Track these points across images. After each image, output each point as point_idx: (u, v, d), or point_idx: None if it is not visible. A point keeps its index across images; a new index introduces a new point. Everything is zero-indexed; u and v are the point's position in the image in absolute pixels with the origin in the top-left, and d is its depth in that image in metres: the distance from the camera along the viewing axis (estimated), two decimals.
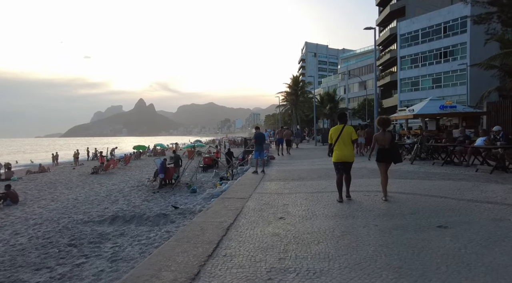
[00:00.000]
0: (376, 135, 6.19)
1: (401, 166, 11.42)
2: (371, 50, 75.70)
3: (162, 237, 7.50)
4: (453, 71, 37.16)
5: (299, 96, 45.67)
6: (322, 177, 9.84)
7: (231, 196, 7.37)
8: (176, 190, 14.25)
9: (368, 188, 7.54)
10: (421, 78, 40.83)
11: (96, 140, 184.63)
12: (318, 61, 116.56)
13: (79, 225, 8.99)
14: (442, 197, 6.29)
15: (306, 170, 11.92)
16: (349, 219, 5.13)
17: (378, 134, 6.19)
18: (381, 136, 6.10)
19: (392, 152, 6.11)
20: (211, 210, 6.02)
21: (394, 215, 5.23)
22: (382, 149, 6.13)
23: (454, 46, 36.97)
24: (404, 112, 18.60)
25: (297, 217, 5.41)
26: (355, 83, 68.64)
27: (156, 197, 12.90)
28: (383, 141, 6.08)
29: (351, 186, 6.64)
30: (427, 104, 17.55)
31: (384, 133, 6.11)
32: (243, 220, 5.29)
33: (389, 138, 6.08)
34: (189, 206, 10.66)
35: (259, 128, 12.02)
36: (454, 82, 37.20)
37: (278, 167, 13.28)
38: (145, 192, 14.11)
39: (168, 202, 11.89)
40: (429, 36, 39.26)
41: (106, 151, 30.30)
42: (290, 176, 10.38)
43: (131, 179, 18.75)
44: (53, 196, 14.07)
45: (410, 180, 8.47)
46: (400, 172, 9.97)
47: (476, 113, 17.24)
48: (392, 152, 6.11)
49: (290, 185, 8.61)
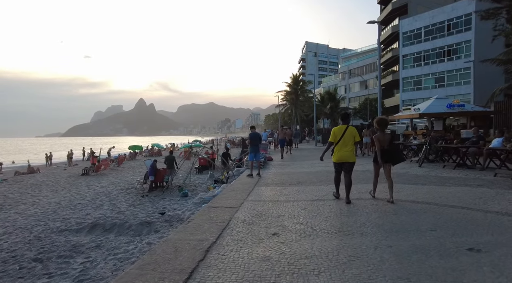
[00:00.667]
0: (378, 137, 6.05)
1: (408, 169, 10.53)
2: (372, 49, 74.85)
3: (142, 251, 6.63)
4: (457, 70, 36.26)
5: (299, 96, 44.68)
6: (323, 181, 8.93)
7: (219, 205, 6.46)
8: (167, 194, 13.36)
9: (376, 195, 6.64)
10: (423, 77, 39.89)
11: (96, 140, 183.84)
12: (318, 61, 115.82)
13: (53, 235, 8.10)
14: (464, 208, 5.39)
15: (306, 172, 11.02)
16: (356, 236, 4.23)
17: (379, 135, 6.06)
18: (382, 137, 6.02)
19: (392, 153, 6.04)
20: (193, 224, 5.11)
21: (410, 232, 4.32)
22: (382, 150, 6.00)
23: (458, 44, 36.05)
24: (409, 112, 17.70)
25: (294, 232, 4.51)
26: (356, 82, 67.72)
27: (144, 202, 12.01)
28: (383, 142, 6.00)
29: (356, 192, 5.77)
30: (434, 103, 16.65)
31: (384, 134, 6.04)
32: (228, 238, 4.38)
33: (388, 139, 6.05)
34: (178, 212, 9.78)
35: (255, 128, 11.10)
36: (458, 81, 36.28)
37: (275, 169, 12.38)
38: (133, 196, 13.21)
39: (156, 207, 11.00)
40: (432, 34, 38.33)
41: (99, 151, 29.46)
42: (288, 180, 9.48)
43: (122, 181, 17.86)
44: (35, 199, 13.16)
45: (421, 186, 7.57)
46: (408, 176, 9.07)
47: (486, 112, 16.32)
48: (392, 152, 6.04)
49: (287, 191, 7.70)
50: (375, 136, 6.08)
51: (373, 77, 59.25)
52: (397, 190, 7.12)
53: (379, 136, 6.02)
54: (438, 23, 37.65)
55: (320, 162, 12.09)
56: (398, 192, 6.91)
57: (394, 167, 6.29)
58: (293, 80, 44.53)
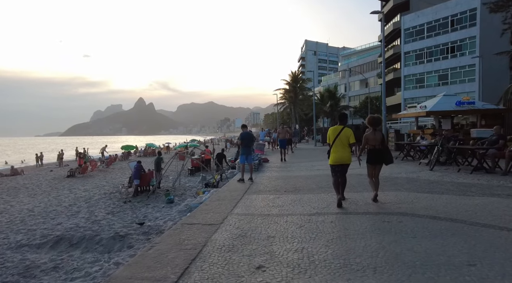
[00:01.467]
0: (367, 135, 5.83)
1: (418, 172, 9.40)
2: (372, 47, 73.70)
3: (106, 273, 5.49)
4: (461, 67, 35.12)
5: (298, 94, 43.44)
6: (323, 187, 7.81)
7: (196, 220, 5.33)
8: (152, 199, 12.23)
9: (386, 209, 5.51)
10: (426, 75, 38.74)
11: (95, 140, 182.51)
12: (318, 59, 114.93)
13: (8, 251, 6.97)
14: (504, 228, 4.24)
15: (304, 176, 9.90)
16: (369, 274, 3.09)
17: (369, 134, 5.83)
18: (372, 136, 5.79)
19: (384, 153, 5.83)
20: (155, 251, 3.97)
21: (440, 266, 3.19)
22: (373, 150, 5.82)
23: (462, 41, 34.89)
24: (414, 110, 16.58)
25: (285, 265, 3.39)
26: (356, 81, 66.60)
27: (124, 209, 10.87)
28: (374, 141, 5.78)
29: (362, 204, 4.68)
30: (441, 101, 15.51)
31: (374, 133, 5.80)
32: (196, 275, 3.24)
33: (380, 138, 5.79)
34: (159, 223, 8.66)
35: (246, 127, 9.94)
36: (462, 78, 35.14)
37: (270, 173, 11.25)
38: (115, 201, 12.09)
39: (136, 215, 9.87)
40: (435, 30, 37.17)
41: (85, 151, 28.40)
42: (283, 186, 8.36)
43: (108, 183, 16.72)
44: (6, 206, 12.02)
45: (439, 195, 6.44)
46: (420, 182, 7.94)
47: (498, 110, 15.18)
48: (384, 152, 5.83)
49: (281, 201, 6.58)
50: (364, 135, 5.87)
51: (373, 75, 58.12)
52: (411, 200, 6.01)
53: (368, 135, 5.80)
54: (441, 19, 36.49)
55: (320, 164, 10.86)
56: (412, 203, 5.80)
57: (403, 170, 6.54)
58: (292, 78, 43.23)
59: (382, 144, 5.80)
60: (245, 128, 9.75)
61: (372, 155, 5.82)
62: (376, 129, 5.83)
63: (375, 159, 5.80)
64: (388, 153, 5.89)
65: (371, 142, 5.80)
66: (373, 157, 5.80)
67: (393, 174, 9.54)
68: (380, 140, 5.77)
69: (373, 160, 5.81)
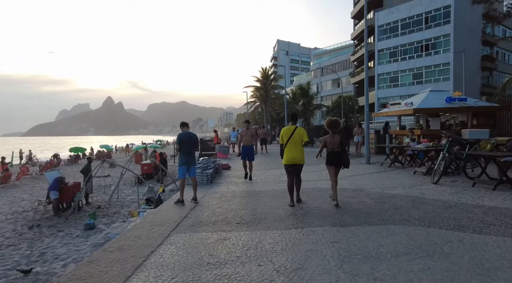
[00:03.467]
0: (325, 138, 5.92)
1: (419, 186, 7.09)
2: (345, 45, 72.93)
3: None
4: (435, 65, 34.11)
5: (269, 92, 40.96)
6: (297, 216, 5.26)
7: None
8: (72, 221, 9.21)
9: (375, 248, 3.01)
10: (400, 74, 37.54)
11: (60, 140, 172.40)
12: (290, 59, 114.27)
13: None
14: None
15: (270, 193, 7.34)
16: None
17: (327, 137, 5.90)
18: (330, 139, 5.85)
19: (342, 156, 5.83)
20: None
21: None
22: (332, 152, 5.87)
23: (436, 39, 33.86)
24: (398, 107, 14.52)
25: None
26: (328, 80, 65.36)
27: (24, 239, 7.81)
28: (331, 144, 5.82)
29: None
30: (429, 97, 13.55)
31: (333, 136, 5.84)
32: None
33: (338, 141, 5.81)
34: (55, 266, 5.84)
35: (188, 126, 7.07)
36: (437, 77, 34.13)
37: (227, 186, 8.60)
38: (19, 226, 8.96)
39: (32, 251, 6.89)
40: (409, 27, 36.01)
41: (30, 153, 24.49)
42: (238, 212, 5.74)
43: (31, 197, 13.36)
44: None
45: (480, 236, 4.03)
46: (432, 205, 5.55)
47: (492, 108, 13.37)
48: (342, 155, 5.83)
49: (227, 248, 3.94)
50: (323, 138, 5.97)
51: (346, 75, 56.91)
52: (446, 253, 3.53)
53: (326, 139, 5.89)
54: (415, 16, 35.38)
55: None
56: (449, 258, 3.32)
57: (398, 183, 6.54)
58: (262, 75, 40.66)
59: (341, 147, 5.79)
60: (186, 128, 6.99)
61: (330, 157, 5.87)
62: (335, 133, 5.83)
63: (334, 162, 5.85)
64: (345, 156, 5.85)
65: (329, 145, 5.85)
66: (332, 160, 5.86)
67: (386, 189, 7.18)
68: (338, 144, 5.78)
69: (332, 162, 5.86)
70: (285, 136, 5.95)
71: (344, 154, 5.85)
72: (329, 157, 5.89)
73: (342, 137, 5.90)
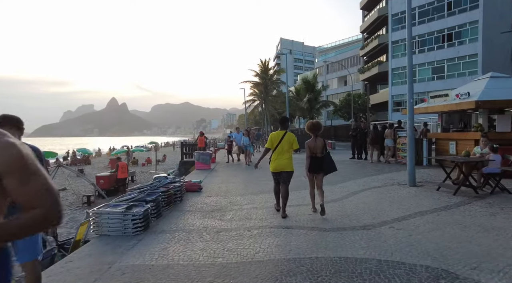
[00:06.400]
0: (308, 143, 5.50)
1: None
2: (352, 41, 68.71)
3: None
4: (459, 58, 29.78)
5: (269, 88, 36.57)
6: None
7: None
8: None
9: None
10: (418, 68, 33.19)
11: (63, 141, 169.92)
12: (293, 58, 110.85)
13: None
14: None
15: (253, 267, 3.21)
16: None
17: (310, 141, 5.51)
18: (313, 143, 5.48)
19: (324, 161, 5.47)
20: None
21: None
22: (314, 157, 5.48)
23: (461, 27, 29.55)
24: (443, 100, 10.31)
25: None
26: (334, 78, 61.03)
27: None
28: (314, 149, 5.47)
29: None
30: (491, 85, 9.38)
31: (315, 140, 5.49)
32: None
33: (320, 145, 5.48)
34: None
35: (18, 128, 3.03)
36: (461, 71, 29.80)
37: (165, 246, 4.47)
38: None
39: None
40: (428, 15, 31.77)
41: None
42: None
43: None
44: None
45: None
46: None
47: None
48: (324, 161, 5.47)
49: None
50: (306, 143, 5.51)
51: (355, 72, 52.62)
52: None
53: (309, 143, 5.49)
54: (436, 2, 31.15)
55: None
56: None
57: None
58: (261, 68, 36.20)
59: (323, 152, 5.46)
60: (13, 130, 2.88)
61: (312, 163, 5.47)
62: (317, 136, 5.51)
63: (316, 168, 5.48)
64: (329, 161, 5.49)
65: (312, 150, 5.48)
66: (314, 166, 5.47)
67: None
68: (321, 148, 5.46)
69: (314, 169, 5.48)
70: (275, 142, 5.53)
71: (326, 158, 5.48)
72: (311, 163, 5.46)
73: (324, 141, 5.58)
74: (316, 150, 5.44)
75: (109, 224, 4.87)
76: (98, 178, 13.07)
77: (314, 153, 5.47)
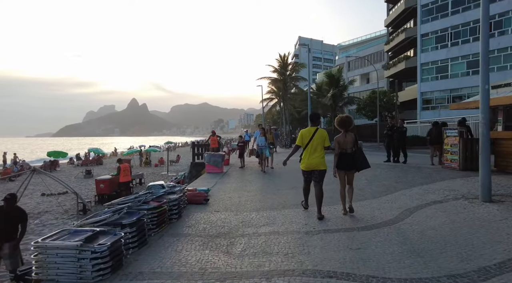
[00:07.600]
0: (337, 138, 5.33)
1: None
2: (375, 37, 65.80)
3: None
4: (500, 50, 27.05)
5: (288, 85, 34.51)
6: None
7: None
8: None
9: None
10: (450, 62, 30.56)
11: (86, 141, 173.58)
12: (312, 57, 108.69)
13: None
14: None
15: None
16: None
17: (339, 136, 5.34)
18: (343, 139, 5.30)
19: (355, 157, 5.23)
20: None
21: None
22: (344, 154, 5.27)
23: (502, 15, 26.82)
24: (510, 91, 8.25)
25: None
26: (356, 76, 58.32)
27: None
28: (344, 144, 5.28)
29: None
30: None
31: (345, 135, 5.30)
32: None
33: (351, 140, 5.27)
34: None
35: None
36: (502, 65, 27.04)
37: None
38: None
39: None
40: (463, 4, 29.06)
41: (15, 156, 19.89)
42: None
43: None
44: None
45: None
46: None
47: None
48: (355, 157, 5.24)
49: None
50: (335, 138, 5.38)
51: (378, 68, 49.83)
52: None
53: (339, 138, 5.33)
54: None
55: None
56: None
57: None
58: (280, 64, 34.10)
59: (354, 147, 5.24)
60: None
61: (342, 159, 5.26)
62: (348, 131, 5.32)
63: (346, 165, 5.25)
64: (361, 157, 5.24)
65: (342, 145, 5.29)
66: (343, 162, 5.25)
67: None
68: (351, 143, 5.24)
69: (344, 166, 5.25)
70: (305, 139, 5.23)
71: (358, 155, 5.20)
72: (341, 160, 5.25)
73: (355, 136, 5.33)
74: (346, 146, 5.26)
75: (57, 264, 3.25)
76: (97, 182, 11.66)
77: (344, 148, 5.28)
